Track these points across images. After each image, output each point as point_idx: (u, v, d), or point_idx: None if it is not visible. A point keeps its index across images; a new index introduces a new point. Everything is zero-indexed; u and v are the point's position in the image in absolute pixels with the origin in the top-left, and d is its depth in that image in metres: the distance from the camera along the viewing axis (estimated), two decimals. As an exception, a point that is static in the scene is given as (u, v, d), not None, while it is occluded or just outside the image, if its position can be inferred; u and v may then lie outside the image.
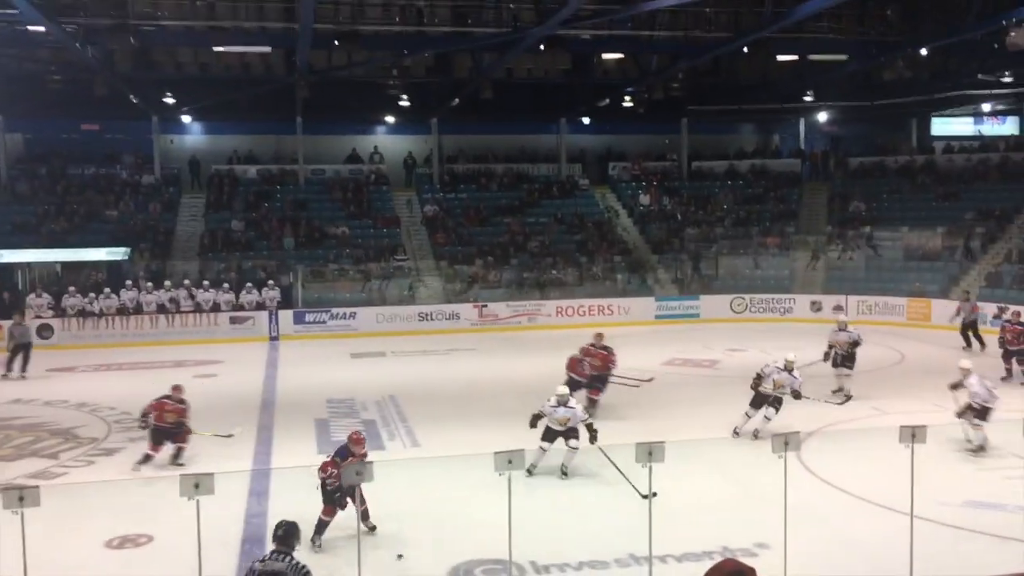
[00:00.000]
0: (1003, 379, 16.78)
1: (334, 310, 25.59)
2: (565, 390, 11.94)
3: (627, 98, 29.32)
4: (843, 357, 16.19)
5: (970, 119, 35.20)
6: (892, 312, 25.27)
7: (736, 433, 13.25)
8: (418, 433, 14.23)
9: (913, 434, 7.97)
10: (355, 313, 25.60)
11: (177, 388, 12.58)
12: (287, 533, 6.44)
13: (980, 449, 12.16)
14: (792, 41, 23.33)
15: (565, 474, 11.37)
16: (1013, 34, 17.49)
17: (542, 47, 22.37)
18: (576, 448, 11.36)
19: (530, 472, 11.08)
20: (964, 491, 10.68)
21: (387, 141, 33.77)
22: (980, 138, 34.68)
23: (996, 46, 20.98)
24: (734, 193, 32.79)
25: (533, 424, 11.72)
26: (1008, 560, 8.09)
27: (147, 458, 12.14)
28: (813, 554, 8.40)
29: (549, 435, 11.52)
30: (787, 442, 7.81)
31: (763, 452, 7.75)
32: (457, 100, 28.89)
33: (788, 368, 13.36)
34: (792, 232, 30.48)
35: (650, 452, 7.56)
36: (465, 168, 33.53)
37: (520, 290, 27.34)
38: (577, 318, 26.19)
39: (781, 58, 25.85)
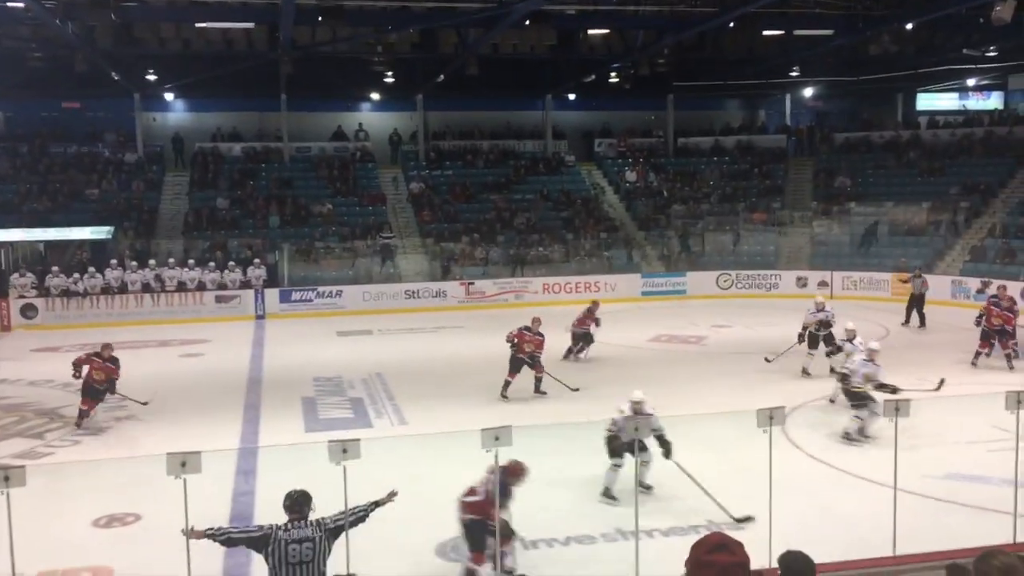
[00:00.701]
0: (973, 363, 16.43)
1: (320, 288, 25.54)
2: (640, 394, 10.18)
3: (613, 74, 29.26)
4: (812, 338, 16.07)
5: (955, 94, 35.30)
6: (877, 287, 25.41)
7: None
8: (405, 411, 14.25)
9: (897, 408, 8.03)
10: (341, 291, 25.55)
11: (107, 347, 12.94)
12: (297, 502, 6.35)
13: (859, 434, 11.68)
14: (778, 16, 23.29)
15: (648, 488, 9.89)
16: (998, 8, 17.49)
17: (527, 22, 22.24)
18: (648, 462, 9.79)
19: (612, 497, 9.75)
20: (947, 464, 10.78)
21: (372, 118, 33.59)
22: (965, 112, 34.77)
23: (981, 20, 21.04)
24: (720, 169, 32.82)
25: (613, 453, 9.91)
26: (990, 532, 8.17)
27: (81, 414, 12.45)
28: (798, 527, 8.47)
29: (619, 448, 9.89)
30: (772, 416, 7.85)
31: (749, 427, 7.78)
32: (442, 76, 28.74)
33: (851, 338, 13.58)
34: (778, 208, 30.55)
35: (636, 427, 7.60)
36: (451, 145, 33.41)
37: (507, 267, 27.33)
38: (564, 295, 26.23)
39: (767, 33, 25.80)
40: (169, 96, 30.92)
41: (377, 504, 6.85)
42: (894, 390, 11.52)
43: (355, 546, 6.78)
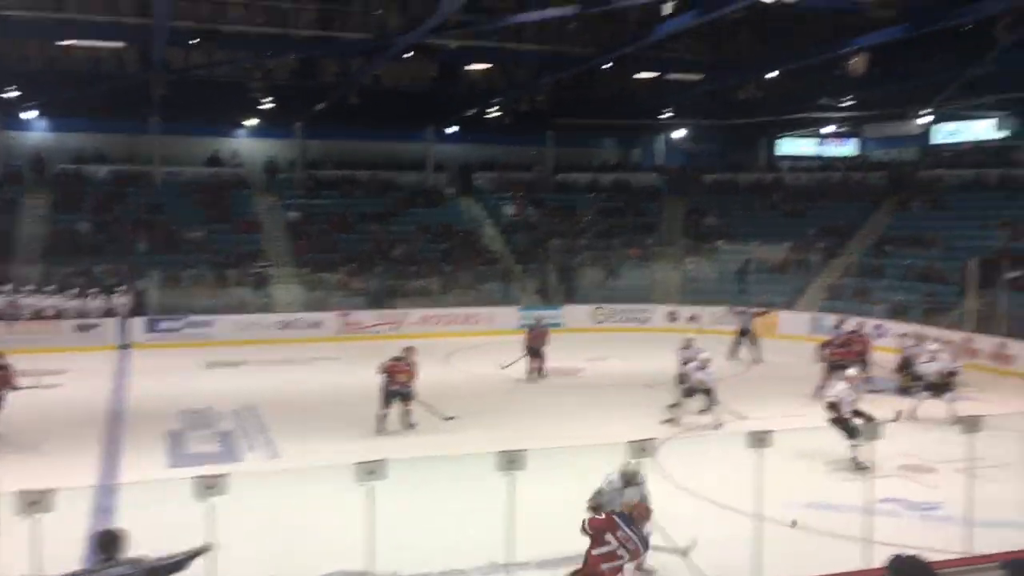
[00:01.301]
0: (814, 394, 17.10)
1: (190, 317, 24.67)
2: (634, 466, 8.84)
3: (494, 109, 29.63)
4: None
5: (814, 140, 37.27)
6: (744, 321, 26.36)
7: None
8: (278, 444, 13.89)
9: (760, 439, 8.35)
10: (212, 321, 24.75)
11: None
12: (102, 543, 5.92)
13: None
14: (652, 59, 24.14)
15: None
16: (853, 61, 18.66)
17: (409, 55, 22.33)
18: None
19: None
20: (807, 493, 11.26)
21: (249, 144, 32.92)
22: (823, 158, 36.77)
23: (838, 72, 22.33)
24: (597, 205, 33.59)
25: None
26: (847, 558, 8.56)
27: None
28: (668, 556, 8.67)
29: None
30: (643, 448, 8.04)
31: (621, 459, 7.95)
32: (322, 105, 28.45)
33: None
34: (652, 244, 31.46)
35: (511, 460, 7.63)
36: (330, 174, 33.04)
37: (385, 298, 27.10)
38: (442, 327, 26.18)
39: (642, 75, 26.69)
40: (30, 115, 29.44)
41: (194, 554, 6.16)
42: (869, 418, 12.08)
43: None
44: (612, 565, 6.96)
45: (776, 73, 24.09)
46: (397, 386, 14.66)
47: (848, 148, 37.61)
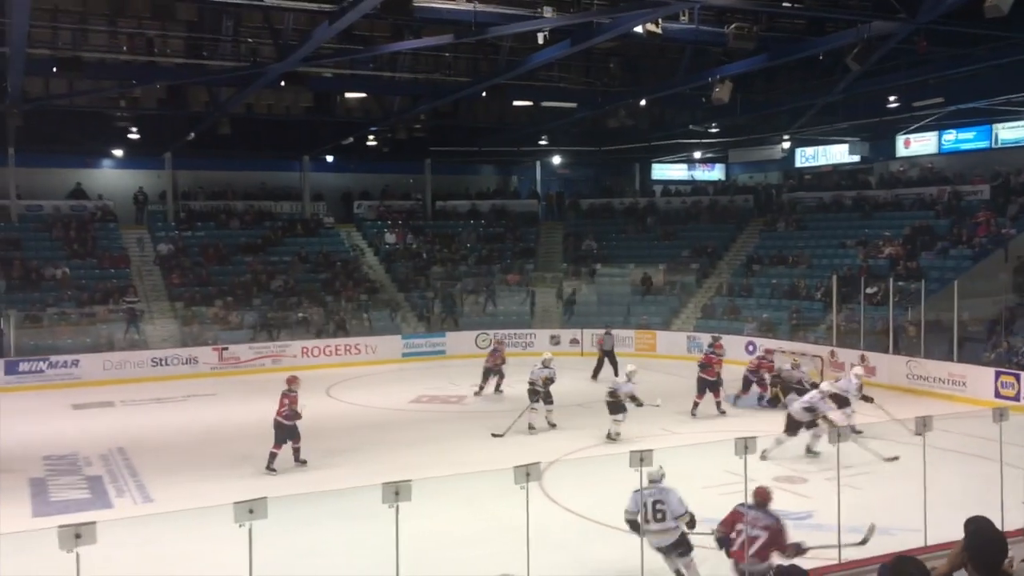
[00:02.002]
0: (692, 413, 17.93)
1: (53, 358, 23.43)
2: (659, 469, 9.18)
3: (371, 137, 29.47)
4: (541, 393, 17.04)
5: (684, 165, 38.60)
6: (622, 344, 26.92)
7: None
8: (151, 487, 13.32)
9: (641, 458, 8.54)
10: (78, 360, 23.58)
11: None
12: None
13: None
14: (526, 87, 24.51)
15: None
16: (717, 89, 19.43)
17: (282, 83, 21.99)
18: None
19: None
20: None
21: (115, 176, 31.61)
22: (693, 183, 38.12)
23: (704, 100, 23.23)
24: (476, 232, 33.79)
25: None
26: (725, 569, 8.80)
27: None
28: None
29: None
30: (528, 473, 8.10)
31: (507, 484, 7.98)
32: (193, 134, 27.67)
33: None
34: (531, 269, 31.84)
35: (396, 492, 7.55)
36: (202, 205, 32.09)
37: (263, 331, 26.44)
38: (324, 358, 25.73)
39: (517, 103, 27.08)
40: None
41: None
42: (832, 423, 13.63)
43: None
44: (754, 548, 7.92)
45: (645, 101, 24.87)
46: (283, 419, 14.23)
47: (716, 173, 39.10)
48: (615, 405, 15.91)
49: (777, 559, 7.88)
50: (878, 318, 22.48)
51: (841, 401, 15.38)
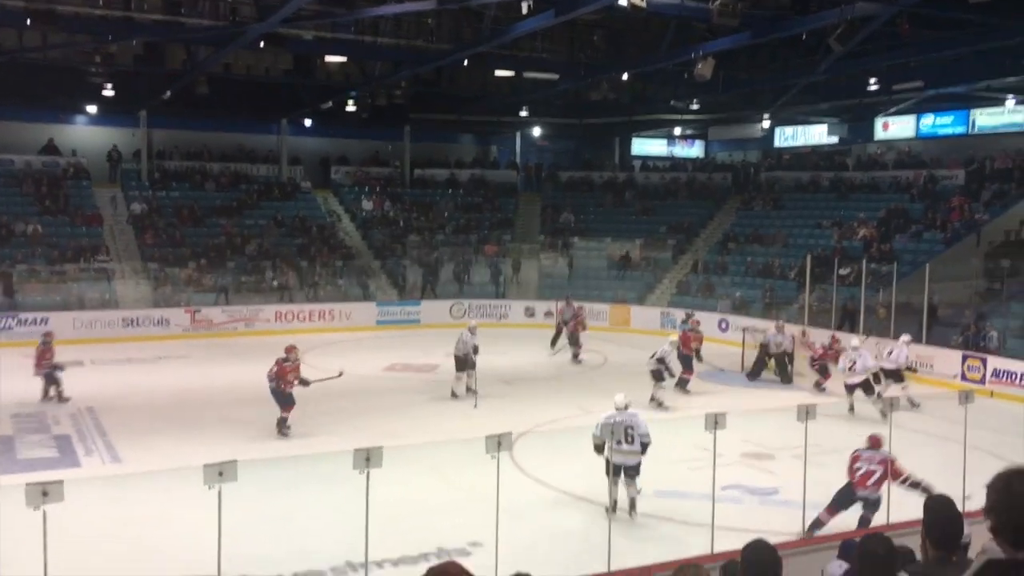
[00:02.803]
0: (678, 386, 18.13)
1: (23, 315, 23.18)
2: (622, 398, 10.80)
3: (350, 102, 29.19)
4: (460, 361, 17.37)
5: (664, 141, 38.60)
6: (597, 318, 27.04)
7: None
8: (119, 447, 13.26)
9: (612, 432, 8.59)
10: (47, 319, 23.32)
11: None
12: None
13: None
14: (509, 57, 24.37)
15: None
16: (699, 66, 19.39)
17: (262, 44, 21.71)
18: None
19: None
20: (655, 482, 11.66)
21: (89, 132, 31.12)
22: (672, 159, 38.15)
23: (686, 76, 23.20)
24: (455, 201, 33.66)
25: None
26: (693, 543, 8.92)
27: None
28: (524, 549, 8.81)
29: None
30: (499, 442, 8.12)
31: (478, 453, 8.00)
32: (169, 93, 27.26)
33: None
34: (508, 240, 31.80)
35: (367, 458, 7.55)
36: (178, 165, 31.68)
37: (237, 294, 26.28)
38: (297, 323, 25.64)
39: (498, 73, 26.93)
40: None
41: None
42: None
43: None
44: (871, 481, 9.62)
45: (627, 75, 24.78)
46: (291, 387, 14.08)
47: (695, 150, 39.14)
48: (658, 373, 16.38)
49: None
50: (849, 298, 22.71)
51: (896, 376, 16.73)
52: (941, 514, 3.46)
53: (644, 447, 10.37)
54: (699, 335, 19.33)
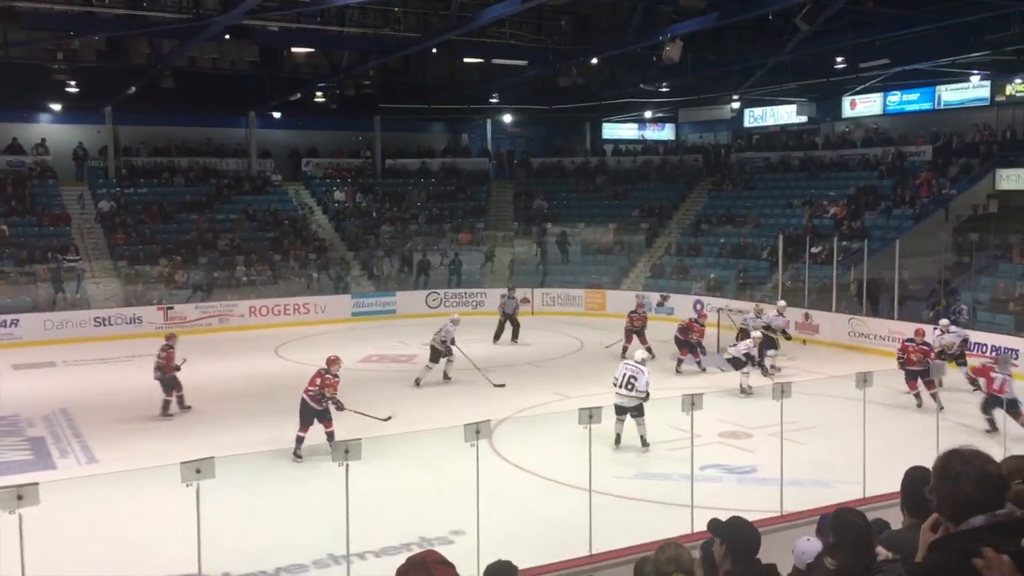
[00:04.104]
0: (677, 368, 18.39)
1: (-8, 318, 22.89)
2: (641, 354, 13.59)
3: (319, 94, 28.97)
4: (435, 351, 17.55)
5: (635, 125, 38.65)
6: (572, 303, 27.16)
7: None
8: (95, 448, 13.14)
9: (590, 415, 8.63)
10: (18, 320, 23.05)
11: None
12: None
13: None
14: (477, 44, 24.26)
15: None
16: (667, 49, 19.39)
17: (227, 37, 21.45)
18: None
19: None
20: (635, 465, 11.75)
21: (54, 130, 30.65)
22: (643, 142, 38.22)
23: (655, 59, 23.22)
24: (427, 190, 33.55)
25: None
26: (674, 524, 8.99)
27: None
28: (505, 535, 8.84)
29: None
30: (478, 430, 8.14)
31: (456, 442, 8.02)
32: (134, 88, 26.90)
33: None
34: (482, 228, 31.75)
35: (346, 450, 7.55)
36: (145, 161, 31.30)
37: (210, 290, 26.07)
38: (272, 317, 25.48)
39: (467, 60, 26.80)
40: None
41: None
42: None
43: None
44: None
45: (596, 60, 24.76)
46: (323, 405, 12.58)
47: (666, 133, 39.23)
48: (738, 361, 16.35)
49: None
50: (823, 277, 22.91)
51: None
52: (917, 482, 3.52)
53: (642, 395, 12.51)
54: (702, 328, 19.21)
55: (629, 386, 12.47)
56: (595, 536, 8.31)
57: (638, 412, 12.56)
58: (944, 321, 17.13)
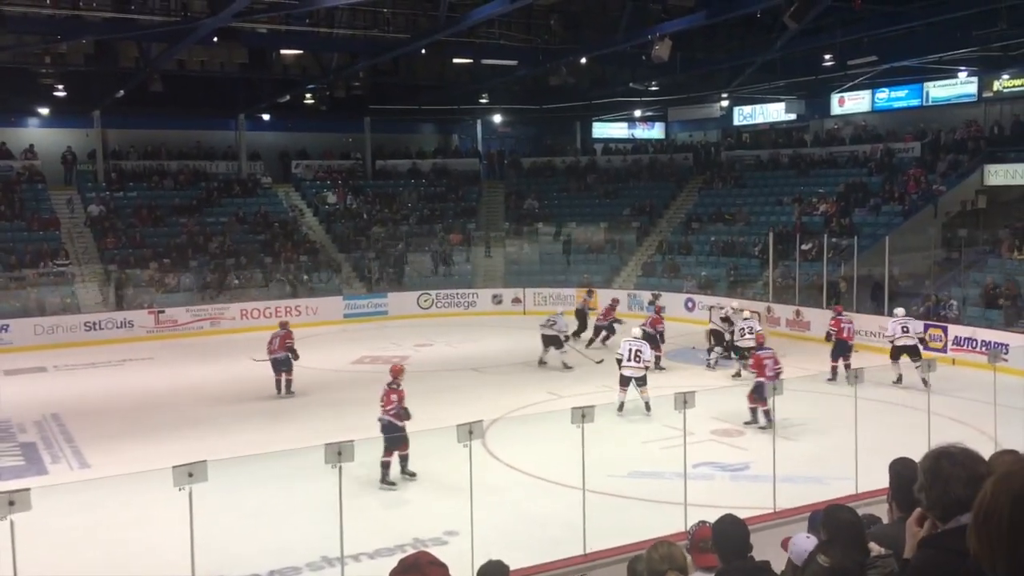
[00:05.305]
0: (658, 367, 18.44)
1: (-18, 323, 22.78)
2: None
3: (308, 95, 28.92)
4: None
5: (625, 124, 38.64)
6: (564, 302, 27.11)
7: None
8: (87, 453, 13.10)
9: (583, 415, 8.63)
10: (8, 326, 22.94)
11: None
12: None
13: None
14: (466, 44, 24.27)
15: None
16: (657, 48, 19.42)
17: (216, 39, 21.41)
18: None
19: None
20: (629, 463, 11.76)
21: (42, 135, 30.50)
22: (633, 141, 38.25)
23: (644, 58, 23.26)
24: (418, 191, 33.52)
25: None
26: (667, 522, 9.00)
27: None
28: (500, 535, 8.84)
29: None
30: (471, 431, 8.14)
31: (449, 442, 8.02)
32: (122, 92, 26.83)
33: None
34: (473, 229, 31.75)
35: (339, 452, 7.54)
36: (135, 165, 31.18)
37: (201, 294, 26.00)
38: (263, 320, 25.35)
39: (456, 61, 26.80)
40: None
41: None
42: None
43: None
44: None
45: (586, 59, 24.78)
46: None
47: (656, 131, 39.23)
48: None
49: None
50: (813, 274, 22.97)
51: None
52: (906, 477, 3.54)
53: (648, 364, 14.72)
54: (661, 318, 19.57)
55: (637, 358, 14.30)
56: (589, 535, 8.32)
57: (642, 381, 14.35)
58: (900, 311, 17.60)
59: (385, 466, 11.24)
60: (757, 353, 14.18)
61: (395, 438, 11.27)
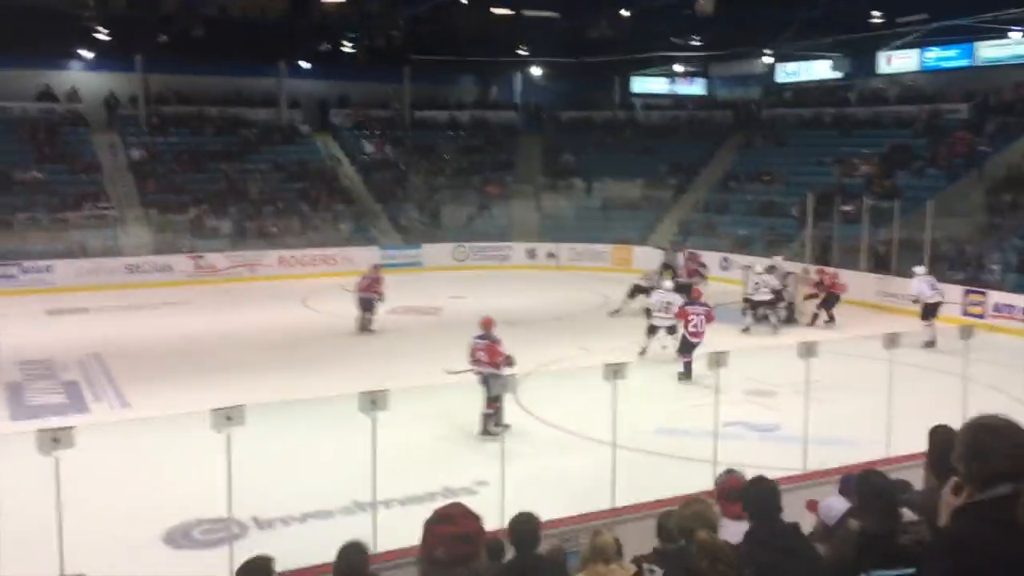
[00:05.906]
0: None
1: (26, 263, 23.24)
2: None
3: (348, 44, 28.81)
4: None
5: (665, 79, 38.06)
6: (598, 258, 27.10)
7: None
8: (128, 393, 13.41)
9: (615, 371, 8.66)
10: (51, 266, 23.40)
11: None
12: None
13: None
14: (507, -5, 23.99)
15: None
16: (701, 1, 19.08)
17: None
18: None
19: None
20: (658, 420, 11.81)
21: (85, 78, 30.75)
22: (673, 96, 37.69)
23: (687, 12, 22.85)
24: (456, 143, 33.40)
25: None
26: (694, 479, 9.05)
27: None
28: (529, 488, 8.95)
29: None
30: (504, 384, 8.23)
31: (481, 396, 8.10)
32: (165, 37, 26.89)
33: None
34: (511, 181, 31.64)
35: (373, 401, 7.64)
36: (176, 110, 31.37)
37: (240, 239, 26.27)
38: (300, 268, 25.68)
39: (497, 11, 26.51)
40: None
41: None
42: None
43: (72, 542, 6.32)
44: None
45: (627, 12, 24.39)
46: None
47: (697, 87, 38.61)
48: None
49: None
50: (852, 236, 22.65)
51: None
52: (946, 445, 3.53)
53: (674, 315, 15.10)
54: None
55: (668, 309, 15.12)
56: (618, 490, 8.39)
57: (672, 330, 15.15)
58: (920, 268, 17.79)
59: (487, 417, 11.24)
60: (685, 307, 14.74)
61: (501, 384, 10.74)
